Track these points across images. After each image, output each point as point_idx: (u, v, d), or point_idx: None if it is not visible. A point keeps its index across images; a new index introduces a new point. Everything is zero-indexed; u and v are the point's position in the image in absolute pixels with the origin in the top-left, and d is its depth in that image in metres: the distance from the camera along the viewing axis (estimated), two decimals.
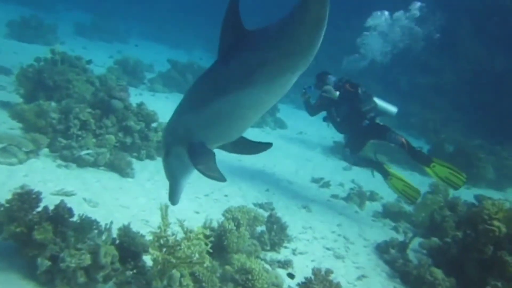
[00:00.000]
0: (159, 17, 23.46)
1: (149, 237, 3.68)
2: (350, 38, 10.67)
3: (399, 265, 5.24)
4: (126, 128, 6.56)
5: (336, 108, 6.93)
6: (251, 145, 3.21)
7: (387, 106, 6.92)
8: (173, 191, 3.16)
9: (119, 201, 5.22)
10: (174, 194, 3.17)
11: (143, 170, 6.36)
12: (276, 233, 5.18)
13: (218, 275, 4.02)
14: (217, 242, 4.20)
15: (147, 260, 3.73)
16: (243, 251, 4.52)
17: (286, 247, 5.28)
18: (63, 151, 5.78)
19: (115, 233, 3.76)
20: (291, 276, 4.61)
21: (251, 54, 2.54)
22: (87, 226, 3.58)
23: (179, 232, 3.69)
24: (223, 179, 2.70)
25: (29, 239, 3.35)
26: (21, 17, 13.60)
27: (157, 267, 3.50)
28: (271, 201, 6.54)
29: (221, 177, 2.70)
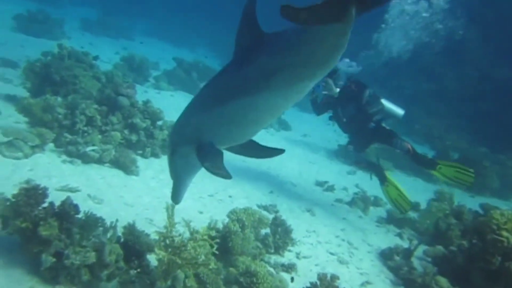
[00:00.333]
0: (163, 15, 23.45)
1: (154, 237, 3.66)
2: (366, 32, 10.11)
3: (403, 273, 5.19)
4: (132, 125, 6.53)
5: (342, 108, 6.84)
6: (261, 149, 3.18)
7: (394, 108, 6.84)
8: (177, 190, 3.14)
9: (124, 198, 5.19)
10: (177, 193, 3.14)
11: (148, 168, 6.33)
12: (280, 236, 5.14)
13: (222, 277, 3.99)
14: (221, 243, 4.16)
15: (151, 259, 3.70)
16: (247, 254, 4.48)
17: (290, 251, 5.24)
18: (69, 146, 5.74)
19: (120, 231, 3.73)
20: (290, 279, 4.58)
21: (270, 58, 2.50)
22: (92, 223, 3.54)
23: (184, 232, 3.66)
24: (229, 177, 2.68)
25: (34, 235, 3.31)
26: (28, 11, 13.58)
27: (162, 267, 3.47)
28: (275, 203, 6.50)
29: (227, 175, 2.68)
